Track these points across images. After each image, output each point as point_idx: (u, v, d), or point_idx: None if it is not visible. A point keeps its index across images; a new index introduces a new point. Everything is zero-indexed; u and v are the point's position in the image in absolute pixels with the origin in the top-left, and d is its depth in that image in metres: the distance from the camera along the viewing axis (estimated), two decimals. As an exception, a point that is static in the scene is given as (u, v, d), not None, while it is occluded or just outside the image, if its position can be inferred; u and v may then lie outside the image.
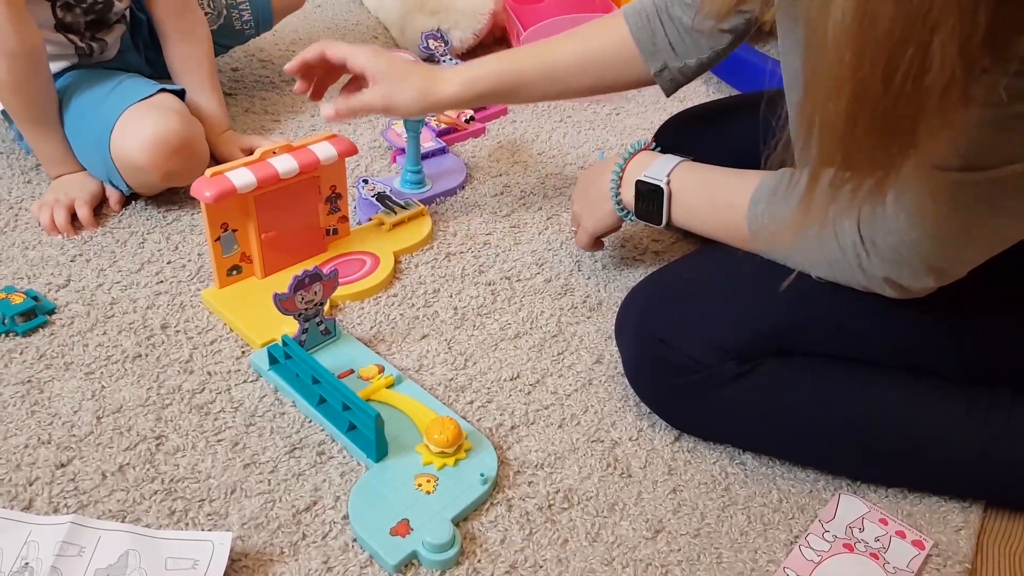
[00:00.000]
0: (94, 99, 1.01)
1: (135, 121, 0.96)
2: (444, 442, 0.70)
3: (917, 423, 0.70)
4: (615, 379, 0.83)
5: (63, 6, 1.00)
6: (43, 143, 1.02)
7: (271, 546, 0.65)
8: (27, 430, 0.73)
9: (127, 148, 0.95)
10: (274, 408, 0.77)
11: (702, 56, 0.86)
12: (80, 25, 1.03)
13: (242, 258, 0.90)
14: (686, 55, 0.86)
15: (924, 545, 0.69)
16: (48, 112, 1.00)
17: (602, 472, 0.73)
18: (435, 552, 0.63)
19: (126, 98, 0.98)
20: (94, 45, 1.06)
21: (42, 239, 0.97)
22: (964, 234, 0.58)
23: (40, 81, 0.98)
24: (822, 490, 0.74)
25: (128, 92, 1.00)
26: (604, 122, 1.32)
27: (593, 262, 1.00)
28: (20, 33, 0.91)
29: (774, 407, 0.71)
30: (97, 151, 0.98)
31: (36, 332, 0.83)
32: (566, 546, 0.67)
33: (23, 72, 0.95)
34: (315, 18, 1.64)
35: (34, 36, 0.94)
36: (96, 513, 0.66)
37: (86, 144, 1.01)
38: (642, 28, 0.86)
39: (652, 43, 0.86)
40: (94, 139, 0.98)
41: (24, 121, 1.00)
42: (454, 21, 1.44)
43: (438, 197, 1.09)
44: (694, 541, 0.68)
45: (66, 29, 1.02)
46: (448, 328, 0.88)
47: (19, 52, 0.92)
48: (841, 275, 0.66)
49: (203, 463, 0.71)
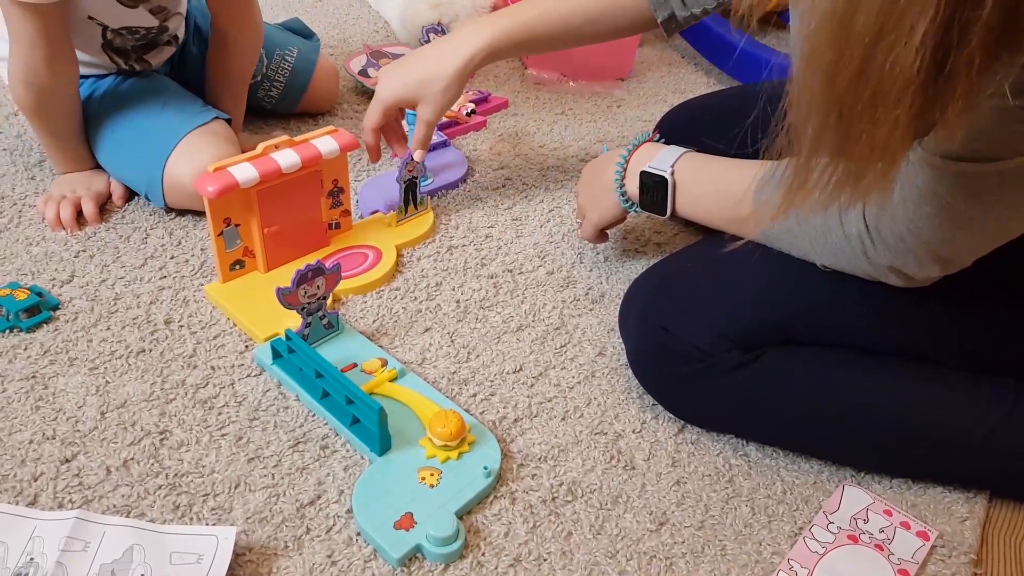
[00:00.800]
0: (144, 114, 1.00)
1: (196, 150, 0.95)
2: (447, 435, 0.70)
3: (920, 411, 0.70)
4: (618, 371, 0.83)
5: (115, 32, 1.00)
6: (55, 148, 1.01)
7: (275, 540, 0.65)
8: (32, 426, 0.73)
9: (184, 175, 0.94)
10: (278, 402, 0.77)
11: (708, 6, 0.88)
12: (128, 48, 1.02)
13: (245, 253, 0.90)
14: (693, 5, 0.88)
15: (929, 536, 0.69)
16: (69, 127, 1.00)
17: (606, 464, 0.73)
18: (439, 546, 0.63)
19: (183, 121, 0.98)
20: (137, 67, 1.06)
21: (46, 235, 0.97)
22: (970, 224, 0.58)
23: (65, 107, 0.98)
24: (826, 481, 0.73)
25: (183, 114, 1.00)
26: (605, 114, 1.32)
27: (595, 254, 1.00)
28: (55, 73, 0.91)
29: (777, 396, 0.71)
30: (145, 168, 0.98)
31: (40, 328, 0.84)
32: (570, 539, 0.67)
33: (48, 101, 0.95)
34: (316, 12, 1.64)
35: (69, 72, 0.94)
36: (101, 508, 0.66)
37: (133, 159, 1.00)
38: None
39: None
40: (146, 158, 0.97)
41: (40, 132, 0.99)
42: (455, 14, 1.44)
43: (440, 190, 1.09)
44: (698, 533, 0.68)
45: (113, 51, 1.02)
46: (451, 321, 0.88)
47: (49, 87, 0.93)
48: (846, 263, 0.66)
49: (207, 458, 0.71)
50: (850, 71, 0.42)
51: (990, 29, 0.39)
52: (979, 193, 0.56)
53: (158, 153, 0.97)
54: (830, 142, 0.46)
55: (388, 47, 1.44)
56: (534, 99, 1.35)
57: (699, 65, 1.51)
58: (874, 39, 0.40)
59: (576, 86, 1.39)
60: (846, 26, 0.41)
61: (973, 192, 0.56)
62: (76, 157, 1.02)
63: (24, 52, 0.89)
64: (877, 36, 0.40)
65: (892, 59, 0.40)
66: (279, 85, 1.20)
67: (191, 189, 0.94)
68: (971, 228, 0.59)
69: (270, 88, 1.20)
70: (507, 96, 1.34)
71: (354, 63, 1.38)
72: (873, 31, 0.40)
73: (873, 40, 0.41)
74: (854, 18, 0.41)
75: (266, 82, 1.19)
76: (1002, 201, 0.56)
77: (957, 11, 0.39)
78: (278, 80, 1.19)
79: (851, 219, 0.63)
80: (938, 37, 0.39)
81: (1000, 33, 0.40)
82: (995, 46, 0.40)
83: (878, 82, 0.41)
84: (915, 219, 0.59)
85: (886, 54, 0.40)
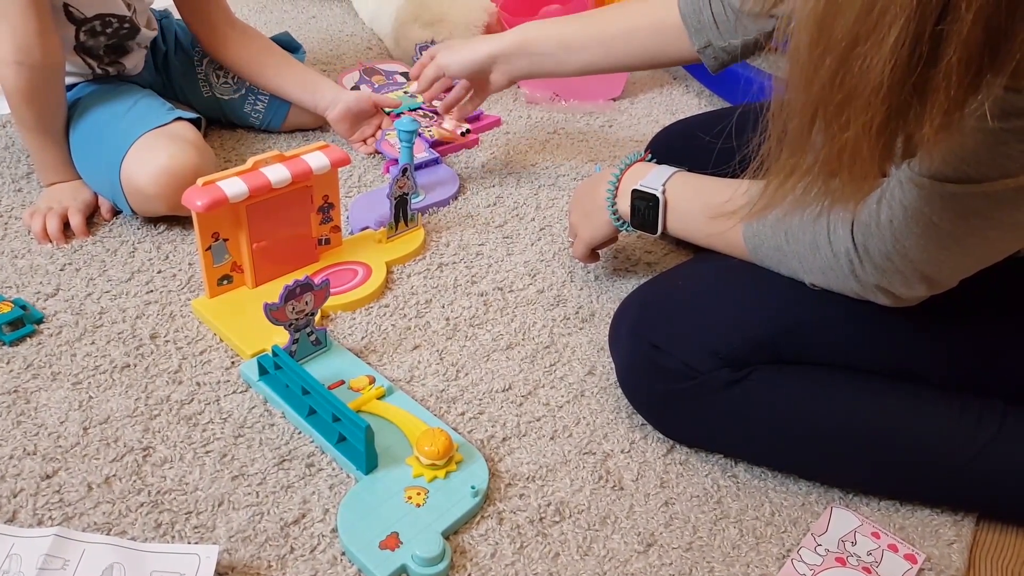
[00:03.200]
0: (108, 118, 1.00)
1: (149, 151, 0.94)
2: (435, 454, 0.69)
3: (908, 430, 0.70)
4: (607, 391, 0.83)
5: (88, 31, 1.00)
6: (43, 151, 1.01)
7: (258, 559, 0.64)
8: (12, 441, 0.72)
9: (138, 177, 0.94)
10: (263, 419, 0.76)
11: (748, 37, 0.86)
12: (100, 49, 1.02)
13: (233, 268, 0.90)
14: (730, 35, 0.87)
15: (916, 559, 0.68)
16: (56, 124, 0.99)
17: (594, 485, 0.73)
18: (425, 566, 0.62)
19: (142, 123, 0.97)
20: (111, 69, 1.06)
21: (32, 248, 0.96)
22: (957, 244, 0.59)
23: (55, 95, 0.97)
24: (814, 503, 0.73)
25: (144, 116, 0.99)
26: (597, 134, 1.32)
27: (586, 273, 1.00)
28: (45, 46, 0.91)
29: (766, 414, 0.71)
30: (106, 173, 0.97)
31: (24, 341, 0.83)
32: (557, 560, 0.66)
33: (41, 84, 0.94)
34: (309, 29, 1.64)
35: (58, 51, 0.94)
36: (81, 525, 0.65)
37: (95, 163, 0.99)
38: (690, 3, 0.88)
39: (698, 20, 0.88)
40: (105, 161, 0.97)
41: (30, 130, 0.99)
42: (448, 33, 1.45)
43: (431, 207, 1.09)
44: (686, 555, 0.68)
45: (86, 52, 1.02)
46: (440, 339, 0.88)
47: (41, 65, 0.92)
48: (835, 282, 0.66)
49: (190, 475, 0.70)
50: (827, 72, 0.43)
51: (970, 46, 0.40)
52: (965, 214, 0.56)
53: (115, 156, 0.96)
54: (806, 141, 0.47)
55: (381, 64, 1.45)
56: (526, 118, 1.36)
57: (690, 86, 1.53)
58: (850, 44, 0.42)
59: (568, 105, 1.40)
60: (825, 29, 0.42)
61: (960, 213, 0.56)
62: (62, 167, 1.02)
63: (15, 28, 0.88)
64: (853, 41, 0.41)
65: (865, 65, 0.41)
66: (263, 99, 1.20)
67: (150, 192, 0.94)
68: (957, 248, 0.59)
69: (255, 102, 1.20)
70: (499, 114, 1.34)
71: (347, 79, 1.38)
72: (850, 36, 0.41)
73: (849, 45, 0.42)
74: (834, 22, 0.42)
75: (251, 95, 1.20)
76: (988, 222, 0.56)
77: (930, 24, 0.40)
78: (263, 93, 1.19)
79: (839, 238, 0.63)
80: (910, 48, 0.40)
81: (984, 51, 0.40)
82: (978, 64, 0.41)
83: (851, 86, 0.43)
84: (902, 238, 0.60)
85: (860, 59, 0.42)
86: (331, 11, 1.74)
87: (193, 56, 1.20)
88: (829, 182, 0.48)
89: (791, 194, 0.50)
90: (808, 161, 0.48)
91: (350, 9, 1.74)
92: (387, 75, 1.41)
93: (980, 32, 0.40)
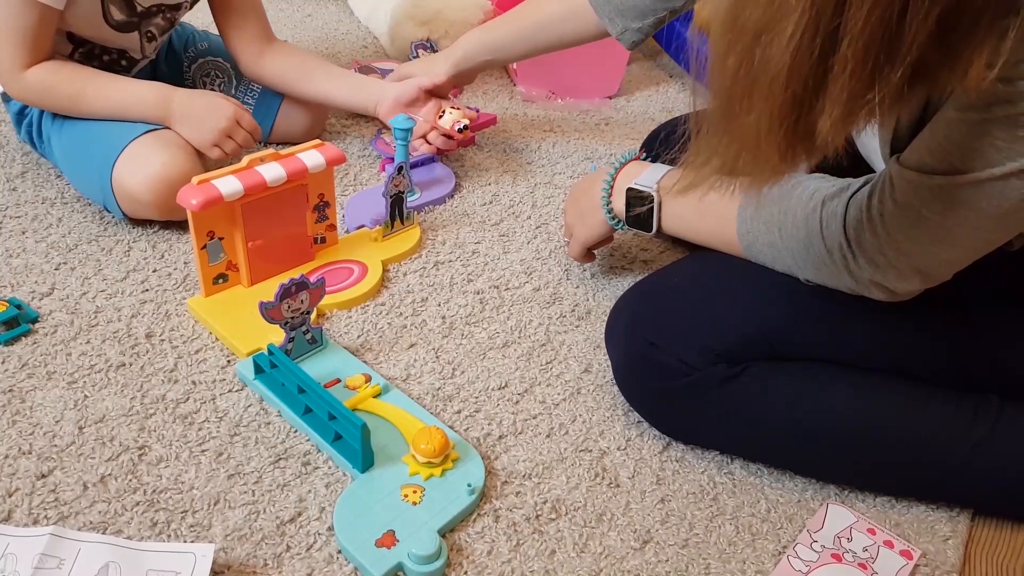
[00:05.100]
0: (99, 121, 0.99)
1: (142, 156, 0.94)
2: (431, 452, 0.69)
3: (903, 426, 0.70)
4: (603, 388, 0.83)
5: (85, 52, 0.99)
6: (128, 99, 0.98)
7: (254, 558, 0.64)
8: (8, 440, 0.72)
9: (131, 182, 0.93)
10: (259, 418, 0.76)
11: (659, 15, 0.92)
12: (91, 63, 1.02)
13: (228, 266, 0.89)
14: (642, 16, 0.93)
15: (912, 555, 0.69)
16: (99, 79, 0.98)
17: (590, 482, 0.73)
18: (421, 564, 0.62)
19: (133, 127, 0.97)
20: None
21: (27, 247, 0.96)
22: (947, 237, 0.59)
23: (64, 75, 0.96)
24: (810, 500, 0.73)
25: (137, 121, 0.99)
26: (592, 132, 1.32)
27: (582, 271, 1.00)
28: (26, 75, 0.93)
29: (762, 410, 0.71)
30: (97, 176, 0.96)
31: (18, 341, 0.82)
32: (554, 557, 0.67)
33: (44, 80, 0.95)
34: (305, 27, 1.64)
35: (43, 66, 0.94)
36: (77, 525, 0.65)
37: (84, 166, 0.99)
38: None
39: (609, 8, 0.95)
40: (95, 164, 0.96)
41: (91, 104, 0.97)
42: (444, 31, 1.44)
43: (427, 206, 1.09)
44: (682, 552, 0.68)
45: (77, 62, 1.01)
46: (436, 337, 0.88)
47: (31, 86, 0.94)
48: (829, 278, 0.66)
49: (186, 474, 0.70)
50: (736, 58, 0.45)
51: (865, 40, 0.41)
52: (954, 206, 0.57)
53: (106, 160, 0.95)
54: (722, 123, 0.49)
55: (377, 63, 1.44)
56: (522, 116, 1.36)
57: (686, 84, 1.53)
58: (756, 32, 0.44)
59: (564, 103, 1.40)
60: (736, 16, 0.45)
61: (948, 205, 0.57)
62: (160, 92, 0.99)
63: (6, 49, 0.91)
64: (759, 30, 0.43)
65: (767, 54, 0.44)
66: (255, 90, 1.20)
67: (142, 197, 0.93)
68: (948, 241, 0.59)
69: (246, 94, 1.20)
70: (496, 112, 1.34)
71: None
72: (758, 25, 0.43)
73: (756, 33, 0.44)
74: (743, 11, 0.44)
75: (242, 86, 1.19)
76: (977, 213, 0.57)
77: (827, 17, 0.41)
78: (254, 87, 1.19)
79: (832, 233, 0.64)
80: (810, 39, 0.42)
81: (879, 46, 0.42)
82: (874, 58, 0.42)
83: (755, 73, 0.45)
84: (894, 232, 0.60)
85: (764, 48, 0.44)
86: (327, 9, 1.74)
87: (183, 61, 1.19)
88: (734, 164, 0.50)
89: (712, 175, 0.52)
90: (724, 143, 0.50)
91: (345, 7, 1.74)
92: (383, 74, 1.41)
93: (875, 27, 0.41)
